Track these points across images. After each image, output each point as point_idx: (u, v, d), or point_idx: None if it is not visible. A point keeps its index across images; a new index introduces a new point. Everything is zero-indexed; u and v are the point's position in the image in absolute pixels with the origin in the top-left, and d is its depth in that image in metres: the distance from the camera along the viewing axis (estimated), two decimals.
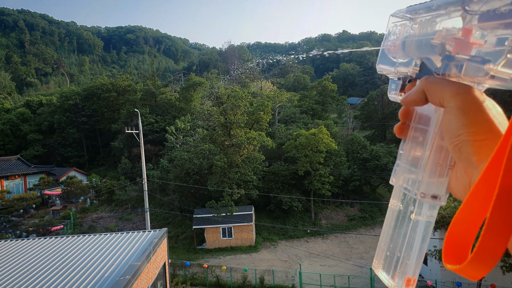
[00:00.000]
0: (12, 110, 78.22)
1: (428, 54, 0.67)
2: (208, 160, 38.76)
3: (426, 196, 0.67)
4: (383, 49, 0.79)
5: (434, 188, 0.67)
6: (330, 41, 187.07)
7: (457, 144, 0.60)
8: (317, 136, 39.38)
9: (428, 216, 0.68)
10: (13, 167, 52.35)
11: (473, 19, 0.57)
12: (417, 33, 0.70)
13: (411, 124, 0.74)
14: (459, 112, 0.60)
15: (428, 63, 0.68)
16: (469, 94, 0.61)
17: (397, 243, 0.71)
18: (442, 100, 0.64)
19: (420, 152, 0.70)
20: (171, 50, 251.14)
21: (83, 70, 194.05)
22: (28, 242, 15.71)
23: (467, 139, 0.59)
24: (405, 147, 0.74)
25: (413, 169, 0.70)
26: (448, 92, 0.63)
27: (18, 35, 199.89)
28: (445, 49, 0.62)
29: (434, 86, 0.65)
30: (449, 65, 0.62)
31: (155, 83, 68.87)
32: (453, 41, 0.60)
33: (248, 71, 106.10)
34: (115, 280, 10.51)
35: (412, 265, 0.68)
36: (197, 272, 29.93)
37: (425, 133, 0.70)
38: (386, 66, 0.79)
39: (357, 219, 42.37)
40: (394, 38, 0.76)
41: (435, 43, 0.64)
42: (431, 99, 0.66)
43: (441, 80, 0.65)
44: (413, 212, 0.69)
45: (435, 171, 0.67)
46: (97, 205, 47.42)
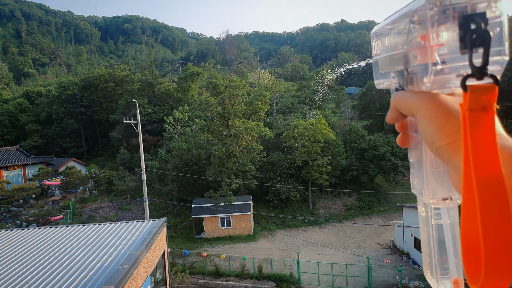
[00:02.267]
0: (11, 101, 77.90)
1: (396, 67, 0.70)
2: (206, 150, 38.87)
3: (437, 201, 0.67)
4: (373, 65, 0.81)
5: (441, 191, 0.67)
6: (329, 31, 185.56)
7: (435, 150, 0.62)
8: (315, 126, 39.47)
9: (450, 217, 0.69)
10: (12, 157, 52.41)
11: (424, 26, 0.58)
12: (386, 47, 0.73)
13: (409, 133, 0.75)
14: (427, 121, 0.62)
15: (399, 76, 0.70)
16: (431, 102, 0.62)
17: (431, 248, 0.71)
18: (411, 113, 0.66)
19: (419, 159, 0.71)
20: (169, 40, 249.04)
21: (81, 60, 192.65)
22: (28, 232, 15.89)
23: (440, 145, 0.61)
24: (412, 155, 0.75)
25: (419, 175, 0.72)
26: (412, 104, 0.65)
27: (14, 25, 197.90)
28: (408, 61, 0.64)
29: (400, 102, 0.68)
30: (409, 77, 0.65)
31: (152, 73, 68.52)
32: (412, 51, 0.62)
33: (246, 60, 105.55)
34: (114, 269, 10.68)
35: (453, 266, 0.67)
36: (196, 261, 30.25)
37: (418, 141, 0.71)
38: (380, 80, 0.80)
39: (354, 208, 42.71)
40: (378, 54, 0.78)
41: (398, 56, 0.67)
42: (404, 113, 0.69)
43: (404, 95, 0.67)
44: (431, 217, 0.70)
45: (435, 176, 0.68)
46: (96, 195, 47.64)
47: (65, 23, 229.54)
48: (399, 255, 31.41)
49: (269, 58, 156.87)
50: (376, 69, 0.80)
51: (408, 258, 30.30)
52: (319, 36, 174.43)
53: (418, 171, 0.72)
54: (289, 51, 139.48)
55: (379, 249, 33.40)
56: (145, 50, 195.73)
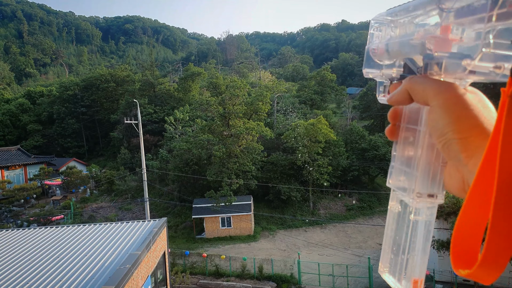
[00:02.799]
0: (12, 101, 78.04)
1: (410, 54, 0.68)
2: (207, 150, 38.87)
3: (422, 196, 0.66)
4: (368, 53, 0.79)
5: (429, 187, 0.66)
6: (329, 31, 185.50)
7: (444, 143, 0.60)
8: (315, 126, 39.44)
9: (427, 216, 0.68)
10: (14, 157, 52.49)
11: (450, 16, 0.58)
12: (398, 35, 0.72)
13: (402, 124, 0.74)
14: (442, 110, 0.60)
15: (411, 63, 0.68)
16: (451, 91, 0.61)
17: (400, 245, 0.70)
18: (425, 99, 0.64)
19: (412, 152, 0.69)
20: (170, 40, 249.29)
21: (82, 60, 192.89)
22: (29, 231, 15.90)
23: (452, 137, 0.59)
24: (398, 149, 0.73)
25: (407, 170, 0.70)
26: (430, 91, 0.62)
27: (16, 26, 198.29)
28: (425, 48, 0.63)
29: (417, 86, 0.65)
30: (430, 63, 0.62)
31: (153, 73, 68.61)
32: (433, 40, 0.61)
33: (247, 61, 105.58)
34: (115, 269, 10.69)
35: (417, 266, 0.67)
36: (197, 261, 30.25)
37: (415, 133, 0.69)
38: (372, 70, 0.79)
39: (355, 209, 42.67)
40: (377, 42, 0.77)
41: (414, 43, 0.65)
42: (415, 98, 0.66)
43: (423, 79, 0.64)
44: (411, 213, 0.69)
45: (429, 170, 0.66)
46: (97, 195, 47.68)
47: (67, 24, 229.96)
48: None
49: (270, 58, 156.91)
50: (369, 57, 0.79)
51: None
52: (320, 36, 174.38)
53: (406, 165, 0.70)
54: (289, 51, 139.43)
55: (380, 249, 33.26)
56: (146, 50, 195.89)
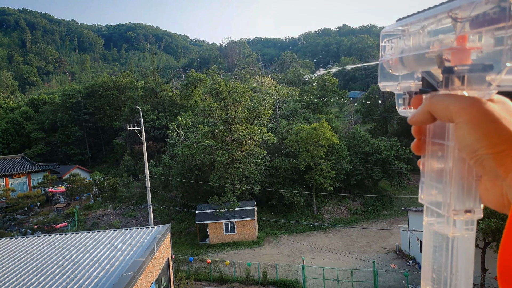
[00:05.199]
0: (16, 109, 78.54)
1: (427, 67, 0.65)
2: (210, 156, 38.89)
3: (459, 213, 0.63)
4: (382, 66, 0.77)
5: (465, 203, 0.63)
6: (330, 35, 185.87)
7: (477, 159, 0.58)
8: (318, 131, 39.42)
9: (467, 231, 0.64)
10: (17, 165, 52.69)
11: (465, 25, 0.57)
12: (412, 46, 0.69)
13: (427, 139, 0.70)
14: (470, 127, 0.58)
15: (429, 77, 0.65)
16: (476, 106, 0.58)
17: (441, 263, 0.66)
18: (449, 117, 0.61)
19: (442, 168, 0.66)
20: (171, 47, 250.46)
21: (85, 68, 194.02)
22: (33, 239, 15.92)
23: (485, 153, 0.56)
24: (426, 163, 0.70)
25: (439, 186, 0.66)
26: (453, 108, 0.60)
27: (19, 35, 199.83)
28: (443, 61, 0.61)
29: (438, 104, 0.62)
30: (450, 77, 0.60)
31: (156, 80, 68.88)
32: (450, 51, 0.59)
33: (248, 66, 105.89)
34: (119, 276, 10.68)
35: (461, 284, 0.64)
36: (201, 267, 30.17)
37: (443, 147, 0.66)
38: (388, 83, 0.77)
39: (359, 213, 42.50)
40: (391, 53, 0.75)
41: (430, 56, 0.63)
42: (438, 118, 0.64)
43: (444, 97, 0.62)
44: (449, 230, 0.65)
45: (462, 185, 0.63)
46: (101, 202, 47.72)
47: (69, 32, 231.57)
48: (405, 260, 31.16)
49: (271, 63, 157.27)
50: (384, 69, 0.77)
51: (414, 263, 30.04)
52: (321, 41, 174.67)
53: (437, 181, 0.67)
54: (291, 56, 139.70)
55: (385, 253, 33.17)
56: (148, 57, 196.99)
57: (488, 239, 21.78)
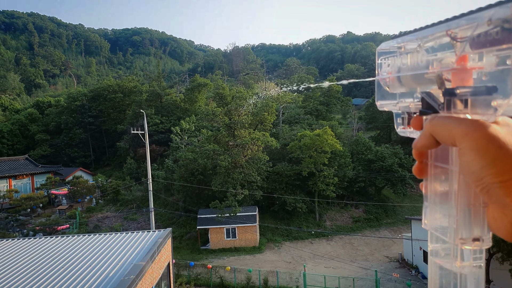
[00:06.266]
0: (22, 111, 79.13)
1: (426, 86, 0.63)
2: (213, 160, 38.89)
3: (466, 242, 0.58)
4: (379, 84, 0.74)
5: (473, 230, 0.58)
6: (335, 42, 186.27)
7: (483, 187, 0.53)
8: (321, 137, 39.34)
9: (476, 260, 0.59)
10: (21, 166, 52.93)
11: (465, 45, 0.54)
12: (409, 65, 0.66)
13: (429, 162, 0.66)
14: (475, 153, 0.53)
15: (429, 99, 0.62)
16: (481, 131, 0.54)
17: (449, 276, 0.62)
18: (453, 141, 0.57)
19: (447, 193, 0.61)
20: (177, 52, 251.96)
21: (90, 71, 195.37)
22: (35, 241, 15.91)
23: (492, 182, 0.52)
24: (429, 187, 0.66)
25: (444, 212, 0.62)
26: (457, 132, 0.56)
27: (27, 38, 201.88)
28: (444, 82, 0.58)
29: (441, 128, 0.58)
30: (453, 100, 0.57)
31: (160, 84, 69.23)
32: (450, 71, 0.57)
33: (253, 72, 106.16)
34: (119, 280, 10.63)
35: None
36: (201, 272, 30.04)
37: (447, 171, 0.62)
38: (386, 101, 0.74)
39: (362, 220, 42.23)
40: (388, 70, 0.72)
41: (430, 77, 0.60)
42: (441, 141, 0.60)
43: (446, 120, 0.58)
44: (456, 259, 0.60)
45: (469, 212, 0.58)
46: (103, 205, 47.76)
47: (76, 36, 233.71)
48: (408, 269, 30.87)
49: (276, 69, 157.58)
50: (381, 88, 0.74)
51: (417, 272, 29.76)
52: (325, 48, 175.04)
53: (441, 204, 0.63)
54: (295, 62, 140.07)
55: (387, 262, 32.89)
56: (153, 62, 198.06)
57: (492, 250, 21.53)
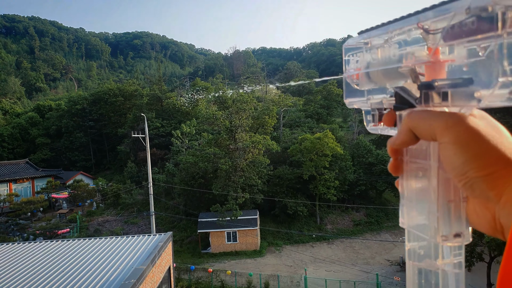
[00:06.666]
0: (22, 115, 79.20)
1: (397, 81, 0.61)
2: (213, 163, 38.87)
3: (448, 238, 0.57)
4: (346, 81, 0.72)
5: (453, 227, 0.57)
6: (335, 46, 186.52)
7: (466, 182, 0.52)
8: (322, 140, 39.32)
9: (456, 256, 0.58)
10: (22, 170, 52.91)
11: (437, 37, 0.52)
12: (380, 59, 0.64)
13: (405, 158, 0.64)
14: (456, 147, 0.52)
15: (404, 93, 0.59)
16: (461, 124, 0.52)
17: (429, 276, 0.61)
18: (433, 136, 0.55)
19: (424, 190, 0.59)
20: (177, 56, 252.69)
21: (91, 75, 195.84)
22: (35, 245, 15.88)
23: (476, 176, 0.51)
24: (406, 185, 0.63)
25: (421, 209, 0.60)
26: (437, 126, 0.53)
27: (28, 41, 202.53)
28: (418, 76, 0.56)
29: (420, 122, 0.56)
30: (430, 94, 0.55)
31: (161, 88, 69.37)
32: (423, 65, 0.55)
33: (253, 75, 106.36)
34: (120, 284, 10.59)
35: None
36: (202, 276, 29.94)
37: (424, 168, 0.59)
38: (355, 99, 0.71)
39: (363, 224, 42.13)
40: (355, 67, 0.70)
41: (404, 71, 0.58)
42: (421, 136, 0.57)
43: (425, 114, 0.55)
44: (438, 257, 0.59)
45: (449, 209, 0.57)
46: (103, 209, 47.69)
47: (77, 39, 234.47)
48: None
49: (276, 73, 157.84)
50: (349, 85, 0.71)
51: None
52: (326, 51, 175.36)
53: (419, 203, 0.60)
54: (296, 66, 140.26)
55: (388, 265, 32.77)
56: (154, 65, 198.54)
57: (494, 253, 21.45)
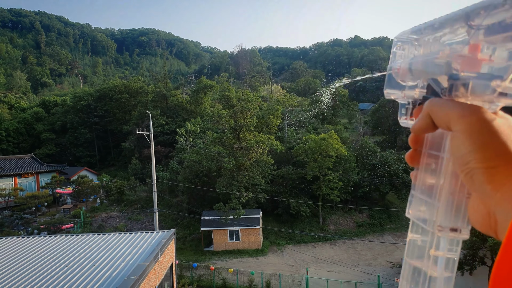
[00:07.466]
0: (27, 110, 79.67)
1: (434, 74, 0.62)
2: (217, 162, 38.93)
3: (444, 230, 0.59)
4: (390, 73, 0.73)
5: (452, 220, 0.59)
6: (342, 46, 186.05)
7: (467, 172, 0.53)
8: (326, 141, 39.24)
9: (450, 251, 0.60)
10: (27, 165, 53.27)
11: (479, 33, 0.53)
12: (422, 54, 0.66)
13: (423, 150, 0.67)
14: (465, 136, 0.54)
15: (434, 84, 0.62)
16: (476, 115, 0.54)
17: (418, 282, 0.62)
18: (448, 124, 0.57)
19: (434, 181, 0.62)
20: (183, 53, 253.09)
21: (96, 71, 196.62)
22: (39, 239, 15.99)
23: (476, 166, 0.52)
24: (419, 176, 0.67)
25: (428, 200, 0.62)
26: (453, 114, 0.56)
27: (34, 36, 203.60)
28: (451, 68, 0.57)
29: (439, 109, 0.59)
30: (455, 84, 0.56)
31: (166, 85, 69.50)
32: (460, 59, 0.56)
33: (259, 74, 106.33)
34: (122, 280, 10.64)
35: None
36: (204, 274, 30.02)
37: (437, 160, 0.62)
38: (393, 90, 0.74)
39: (365, 225, 42.04)
40: (400, 61, 0.71)
41: (439, 62, 0.60)
42: (437, 123, 0.60)
43: (445, 102, 0.58)
44: (432, 247, 0.61)
45: (452, 201, 0.59)
46: (107, 205, 47.92)
47: (83, 35, 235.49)
48: None
49: (282, 72, 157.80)
50: (391, 77, 0.73)
51: None
52: (332, 51, 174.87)
53: (428, 195, 0.63)
54: (302, 65, 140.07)
55: (390, 267, 32.68)
56: (159, 63, 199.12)
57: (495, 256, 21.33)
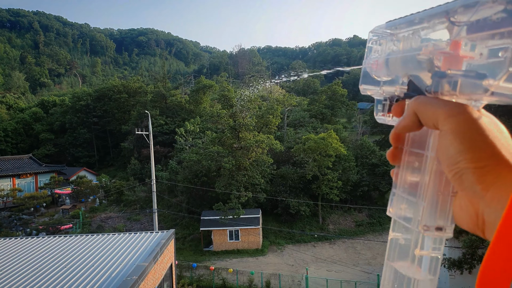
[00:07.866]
0: (26, 110, 79.47)
1: (415, 71, 0.61)
2: (217, 162, 38.87)
3: (429, 229, 0.58)
4: (365, 68, 0.72)
5: (437, 219, 0.58)
6: (341, 46, 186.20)
7: (456, 172, 0.52)
8: (326, 141, 39.21)
9: (434, 250, 0.60)
10: (25, 165, 53.13)
11: (461, 30, 0.52)
12: (401, 49, 0.65)
13: (405, 148, 0.66)
14: (455, 136, 0.53)
15: (417, 81, 0.61)
16: (464, 114, 0.53)
17: (403, 281, 0.62)
18: (435, 123, 0.56)
19: (418, 180, 0.61)
20: (182, 53, 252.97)
21: (95, 71, 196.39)
22: (38, 240, 15.91)
23: (466, 167, 0.51)
24: (400, 174, 0.66)
25: (411, 199, 0.62)
26: (441, 113, 0.54)
27: (32, 36, 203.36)
28: (434, 65, 0.56)
29: (426, 107, 0.57)
30: (441, 82, 0.55)
31: (165, 85, 69.39)
32: (442, 56, 0.55)
33: (258, 74, 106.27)
34: (122, 280, 10.58)
35: None
36: (204, 274, 29.96)
37: (421, 158, 0.61)
38: (370, 86, 0.72)
39: (365, 225, 42.02)
40: (376, 56, 0.70)
41: (421, 58, 0.58)
42: (424, 122, 0.58)
43: (433, 100, 0.57)
44: (416, 247, 0.60)
45: (437, 200, 0.58)
46: (106, 205, 47.81)
47: (82, 35, 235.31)
48: None
49: (281, 72, 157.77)
50: (366, 72, 0.72)
51: None
52: (331, 51, 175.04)
53: (409, 193, 0.62)
54: (301, 65, 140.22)
55: None
56: (158, 62, 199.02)
57: None
